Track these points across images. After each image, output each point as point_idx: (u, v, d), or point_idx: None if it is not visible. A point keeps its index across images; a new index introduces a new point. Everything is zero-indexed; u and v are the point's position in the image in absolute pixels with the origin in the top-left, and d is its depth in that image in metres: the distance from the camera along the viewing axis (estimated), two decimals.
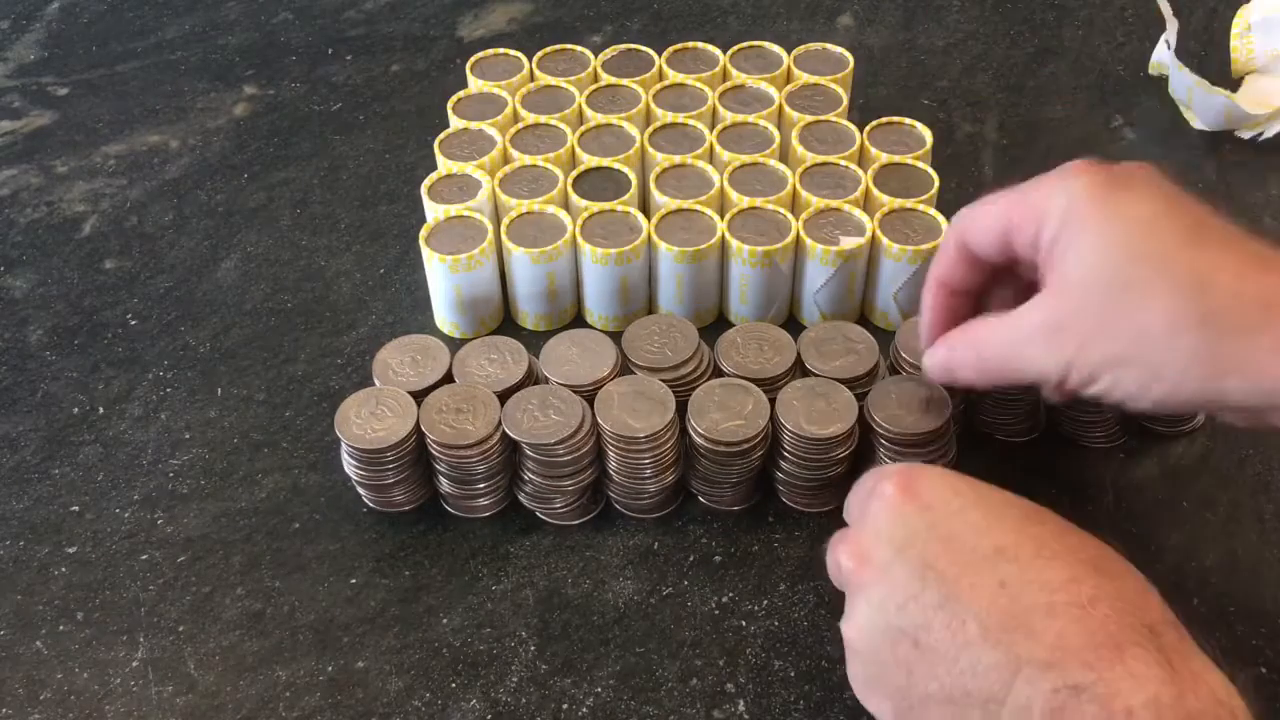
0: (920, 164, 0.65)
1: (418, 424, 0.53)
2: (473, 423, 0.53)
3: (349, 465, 0.54)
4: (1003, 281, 0.50)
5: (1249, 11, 0.78)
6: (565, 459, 0.53)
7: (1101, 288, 0.42)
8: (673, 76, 0.72)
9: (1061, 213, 0.43)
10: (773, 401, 0.54)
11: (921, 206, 0.63)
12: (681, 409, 0.54)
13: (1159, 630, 0.37)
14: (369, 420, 0.53)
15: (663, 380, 0.55)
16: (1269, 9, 0.77)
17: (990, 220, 0.46)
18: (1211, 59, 0.80)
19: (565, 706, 0.49)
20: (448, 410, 0.54)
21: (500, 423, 0.53)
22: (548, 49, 0.74)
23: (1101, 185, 0.43)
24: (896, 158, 0.65)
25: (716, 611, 0.52)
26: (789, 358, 0.56)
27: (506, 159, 0.67)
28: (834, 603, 0.52)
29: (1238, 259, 0.41)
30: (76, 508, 0.57)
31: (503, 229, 0.63)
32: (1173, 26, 0.73)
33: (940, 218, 0.62)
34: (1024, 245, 0.45)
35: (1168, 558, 0.53)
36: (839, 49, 0.73)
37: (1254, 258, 0.41)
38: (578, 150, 0.67)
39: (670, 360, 0.56)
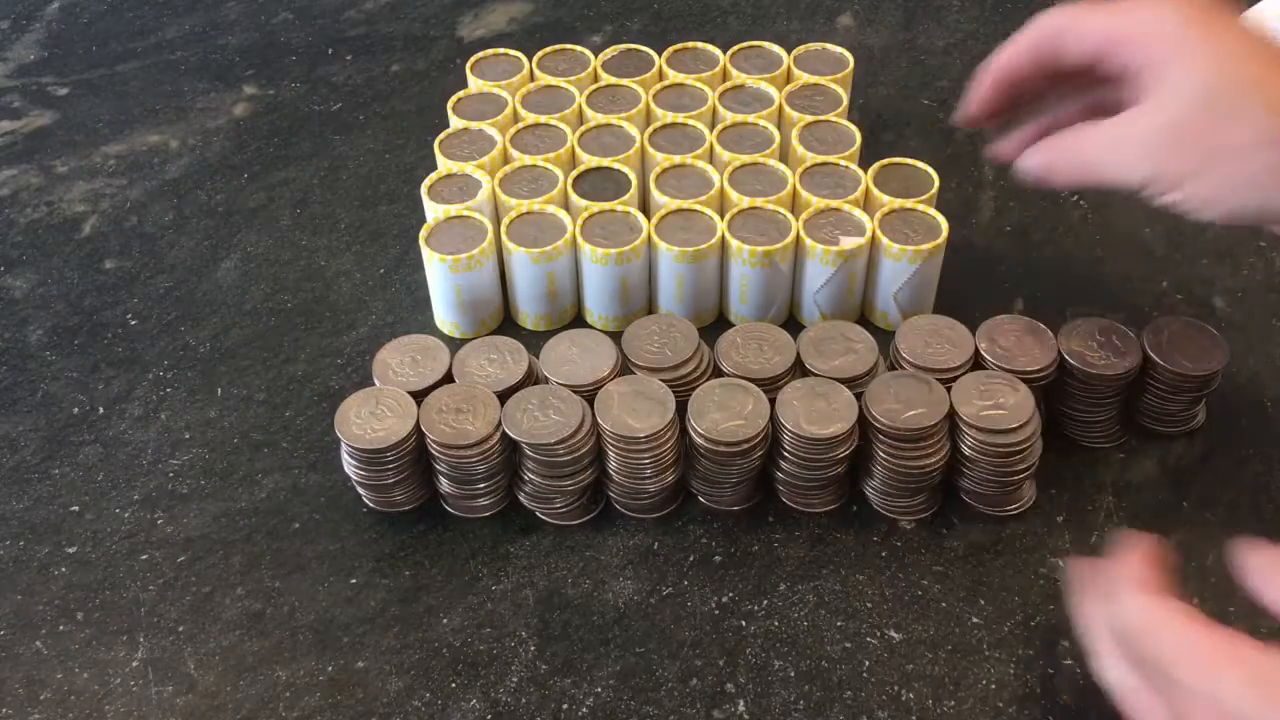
0: (920, 164, 0.65)
1: (418, 424, 0.53)
2: (473, 423, 0.53)
3: (349, 465, 0.54)
4: (1046, 96, 0.55)
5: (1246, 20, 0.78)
6: (565, 459, 0.53)
7: (1200, 105, 0.46)
8: (673, 76, 0.72)
9: (1169, 37, 0.47)
10: (773, 401, 0.54)
11: (921, 206, 0.63)
12: (681, 409, 0.54)
13: None
14: (369, 420, 0.53)
15: (663, 380, 0.55)
16: (1268, 13, 0.77)
17: (1095, 29, 0.50)
18: None
19: (565, 706, 0.49)
20: (448, 410, 0.54)
21: (500, 423, 0.53)
22: (548, 49, 0.74)
23: (1200, 17, 0.47)
24: (897, 159, 0.65)
25: (716, 611, 0.52)
26: (789, 358, 0.56)
27: (506, 159, 0.67)
28: (833, 602, 0.52)
29: None
30: (76, 508, 0.57)
31: (503, 229, 0.63)
32: None
33: (940, 218, 0.62)
34: (1120, 62, 0.49)
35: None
36: (839, 49, 0.73)
37: None
38: (578, 150, 0.67)
39: (670, 360, 0.56)
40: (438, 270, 0.62)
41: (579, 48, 0.74)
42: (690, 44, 0.74)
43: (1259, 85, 0.46)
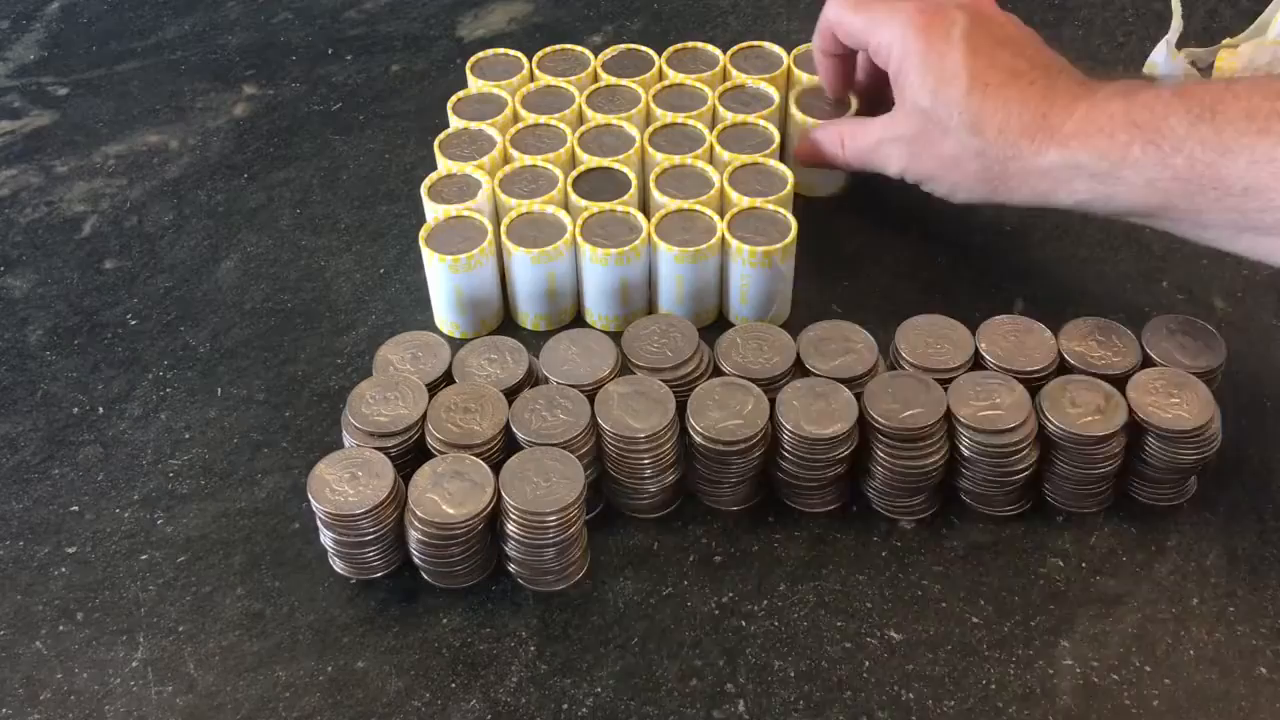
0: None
1: (425, 416, 0.53)
2: (480, 423, 0.53)
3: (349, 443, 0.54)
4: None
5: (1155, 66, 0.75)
6: None
7: (920, 120, 0.58)
8: (673, 76, 0.72)
9: (897, 56, 0.58)
10: (772, 401, 0.54)
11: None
12: (681, 409, 0.54)
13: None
14: (378, 405, 0.53)
15: (663, 380, 0.55)
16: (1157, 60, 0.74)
17: (856, 32, 0.61)
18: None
19: (565, 706, 0.49)
20: (455, 409, 0.54)
21: (507, 423, 0.53)
22: (548, 49, 0.74)
23: (926, 33, 0.57)
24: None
25: (716, 611, 0.52)
26: (789, 358, 0.56)
27: (506, 159, 0.67)
28: (833, 602, 0.52)
29: (1014, 99, 0.55)
30: (76, 508, 0.57)
31: (503, 229, 0.63)
32: (1176, 29, 0.73)
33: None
34: (881, 61, 0.60)
35: (1168, 558, 0.53)
36: None
37: (1025, 99, 0.55)
38: (578, 150, 0.67)
39: (670, 360, 0.56)
40: (438, 270, 0.62)
41: (579, 48, 0.74)
42: (690, 44, 0.74)
43: (962, 107, 0.56)
